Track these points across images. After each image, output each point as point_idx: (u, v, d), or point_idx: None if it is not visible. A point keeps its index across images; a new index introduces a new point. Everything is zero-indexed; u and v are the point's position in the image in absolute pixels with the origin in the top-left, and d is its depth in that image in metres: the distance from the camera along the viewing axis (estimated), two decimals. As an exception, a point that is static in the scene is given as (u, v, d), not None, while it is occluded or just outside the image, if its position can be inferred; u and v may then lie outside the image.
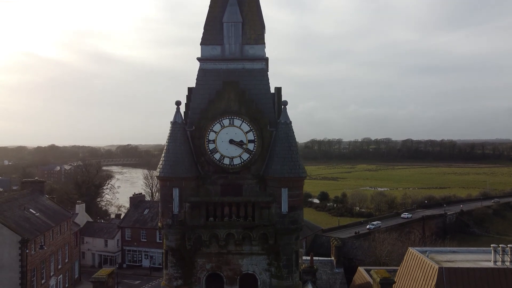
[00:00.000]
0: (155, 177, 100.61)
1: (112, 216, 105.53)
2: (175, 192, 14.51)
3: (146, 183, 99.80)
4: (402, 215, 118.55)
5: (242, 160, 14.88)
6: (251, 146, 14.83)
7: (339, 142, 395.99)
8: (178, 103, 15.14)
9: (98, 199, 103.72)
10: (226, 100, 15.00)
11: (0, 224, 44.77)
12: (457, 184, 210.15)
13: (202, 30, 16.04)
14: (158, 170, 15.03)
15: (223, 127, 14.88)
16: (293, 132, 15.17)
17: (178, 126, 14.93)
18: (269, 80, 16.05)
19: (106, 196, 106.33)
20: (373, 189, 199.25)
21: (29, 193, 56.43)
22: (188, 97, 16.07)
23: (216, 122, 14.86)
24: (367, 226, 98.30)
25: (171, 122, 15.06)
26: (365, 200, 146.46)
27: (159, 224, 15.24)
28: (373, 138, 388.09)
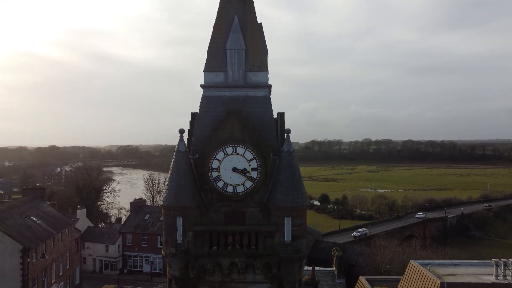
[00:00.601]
0: (156, 181, 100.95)
1: (113, 219, 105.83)
2: (179, 221, 14.53)
3: (147, 188, 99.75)
4: (417, 215, 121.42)
5: (246, 188, 14.89)
6: (254, 174, 14.84)
7: (339, 143, 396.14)
8: (181, 131, 15.17)
9: (99, 203, 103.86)
10: (230, 128, 15.02)
11: (2, 233, 44.88)
12: (457, 185, 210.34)
13: (206, 56, 16.04)
14: (161, 198, 15.04)
15: (226, 155, 14.89)
16: (297, 161, 15.21)
17: (182, 154, 14.96)
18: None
19: (107, 199, 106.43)
20: (373, 190, 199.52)
21: (30, 200, 56.53)
22: (191, 122, 16.08)
23: (219, 150, 14.87)
24: (353, 234, 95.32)
25: (174, 150, 15.11)
26: (366, 203, 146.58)
27: (162, 252, 15.25)
28: (373, 139, 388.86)
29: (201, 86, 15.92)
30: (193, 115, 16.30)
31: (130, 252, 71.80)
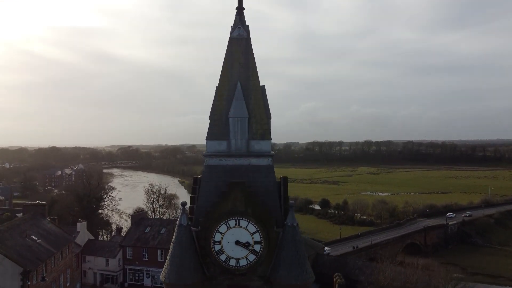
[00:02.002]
0: (156, 192, 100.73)
1: (114, 227, 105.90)
2: (181, 299, 14.28)
3: (147, 198, 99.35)
4: (447, 215, 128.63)
5: (249, 262, 14.62)
6: (257, 248, 14.57)
7: (340, 143, 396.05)
8: (183, 204, 14.90)
9: (100, 211, 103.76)
10: (232, 200, 14.74)
11: (2, 256, 44.72)
12: (458, 188, 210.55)
13: (208, 124, 15.81)
14: (163, 274, 14.78)
15: (229, 228, 14.62)
16: (300, 235, 14.94)
17: (184, 228, 14.67)
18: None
19: (107, 208, 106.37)
20: (374, 194, 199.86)
21: (30, 217, 56.39)
22: (193, 188, 15.85)
23: (222, 223, 14.60)
24: None
25: (176, 224, 14.85)
26: (367, 208, 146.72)
27: (164, 328, 15.00)
28: (374, 139, 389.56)
29: (204, 155, 15.68)
30: (195, 180, 16.07)
31: (130, 265, 71.68)
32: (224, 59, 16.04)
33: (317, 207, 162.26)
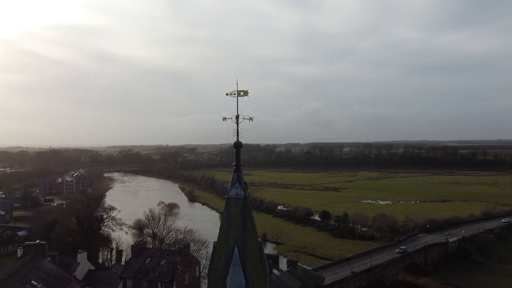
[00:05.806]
0: (157, 218, 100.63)
1: (114, 244, 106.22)
2: None
3: (148, 223, 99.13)
4: (503, 220, 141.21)
5: None
6: None
7: (340, 146, 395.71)
8: None
9: (101, 231, 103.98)
10: None
11: (2, 310, 44.81)
12: (459, 196, 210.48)
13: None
14: None
15: None
16: None
17: None
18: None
19: (108, 227, 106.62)
20: (375, 202, 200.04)
21: (30, 259, 56.34)
22: None
23: None
24: None
25: None
26: (367, 221, 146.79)
27: None
28: (376, 139, 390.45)
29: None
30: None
31: (131, 297, 71.68)
32: (222, 220, 15.94)
33: (317, 218, 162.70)
